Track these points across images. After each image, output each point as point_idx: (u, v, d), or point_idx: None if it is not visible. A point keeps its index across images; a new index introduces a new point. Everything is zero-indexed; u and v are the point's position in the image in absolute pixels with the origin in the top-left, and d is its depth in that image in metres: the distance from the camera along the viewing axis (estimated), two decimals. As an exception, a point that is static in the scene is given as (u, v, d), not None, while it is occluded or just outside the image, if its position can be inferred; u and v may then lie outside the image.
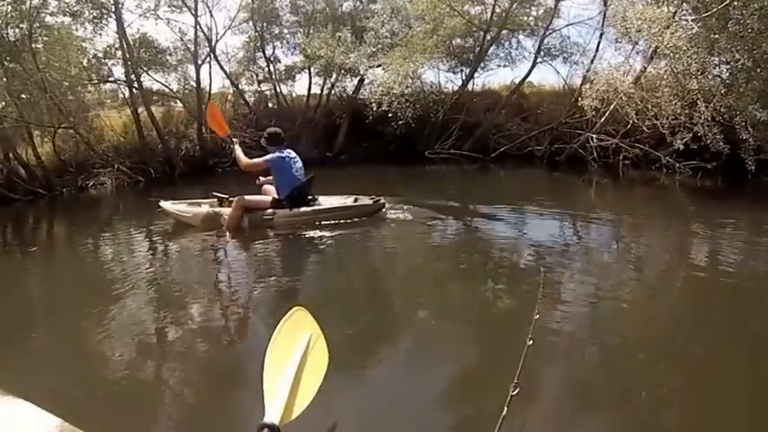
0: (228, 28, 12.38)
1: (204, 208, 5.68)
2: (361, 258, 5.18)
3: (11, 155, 10.13)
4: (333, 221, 5.63)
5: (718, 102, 8.39)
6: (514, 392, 1.67)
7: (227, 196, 5.79)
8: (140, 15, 11.34)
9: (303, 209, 5.50)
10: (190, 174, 11.28)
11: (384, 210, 5.84)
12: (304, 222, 5.46)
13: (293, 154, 5.68)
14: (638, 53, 10.35)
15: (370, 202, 5.79)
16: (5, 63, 9.60)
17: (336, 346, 2.35)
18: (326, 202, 5.77)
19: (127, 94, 11.49)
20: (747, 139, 8.22)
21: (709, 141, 8.53)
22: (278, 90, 13.43)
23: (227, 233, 5.43)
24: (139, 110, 11.34)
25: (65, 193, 10.18)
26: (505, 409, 1.60)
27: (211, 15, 12.03)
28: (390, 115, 11.27)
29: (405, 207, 6.40)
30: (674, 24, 8.19)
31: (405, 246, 5.52)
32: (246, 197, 5.55)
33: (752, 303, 3.74)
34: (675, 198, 8.70)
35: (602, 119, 10.64)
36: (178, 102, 12.36)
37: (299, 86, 13.76)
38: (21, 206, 9.30)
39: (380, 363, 2.98)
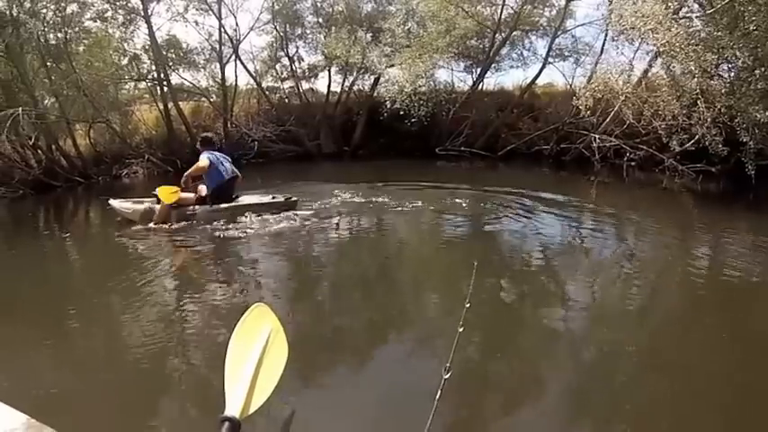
0: (251, 29, 12.58)
1: (144, 205, 5.94)
2: (317, 250, 5.23)
3: (53, 147, 10.62)
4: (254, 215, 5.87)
5: (718, 102, 7.95)
6: (447, 376, 1.70)
7: None
8: (169, 19, 11.74)
9: (223, 205, 5.80)
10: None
11: (296, 207, 6.13)
12: (222, 216, 5.70)
13: (222, 156, 6.00)
14: (647, 53, 9.95)
15: (283, 199, 6.06)
16: (48, 64, 10.08)
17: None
18: (247, 199, 6.02)
19: (158, 91, 11.81)
20: (748, 142, 7.77)
21: (708, 143, 8.11)
22: (300, 88, 13.50)
23: (154, 226, 5.66)
24: (169, 105, 11.69)
25: (100, 181, 10.60)
26: (439, 392, 1.62)
27: (235, 18, 12.23)
28: (402, 113, 11.22)
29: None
30: (672, 21, 7.72)
31: (357, 236, 5.72)
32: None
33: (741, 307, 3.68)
34: (671, 201, 8.29)
35: (607, 119, 10.46)
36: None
37: (321, 84, 13.86)
38: (61, 193, 9.75)
39: (327, 355, 3.00)
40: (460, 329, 2.05)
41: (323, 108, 13.16)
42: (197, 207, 5.79)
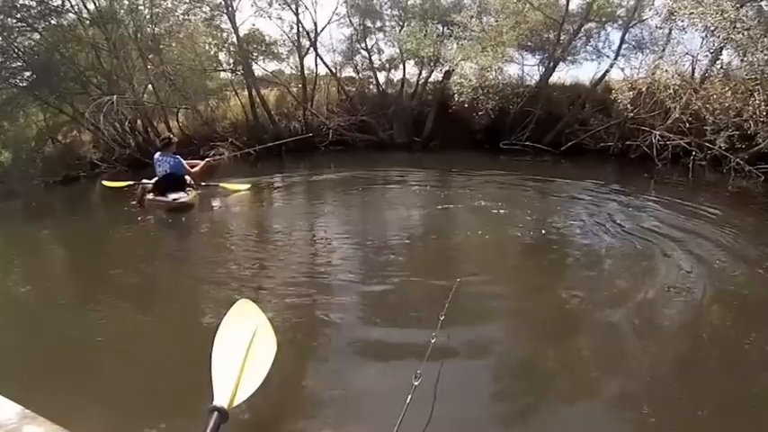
0: (328, 23, 12.08)
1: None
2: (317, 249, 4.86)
3: (148, 129, 10.83)
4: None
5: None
6: (416, 383, 1.72)
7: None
8: (252, 14, 11.46)
9: (151, 196, 6.32)
10: (296, 150, 11.05)
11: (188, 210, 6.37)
12: (154, 207, 6.23)
13: (165, 157, 6.48)
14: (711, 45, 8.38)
15: (172, 200, 6.20)
16: (143, 56, 10.21)
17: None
18: (172, 196, 6.24)
19: (241, 80, 11.69)
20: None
21: (761, 141, 6.90)
22: (377, 79, 12.78)
23: (136, 202, 6.41)
24: (253, 93, 11.52)
25: (189, 160, 10.45)
26: (409, 397, 1.63)
27: (311, 14, 11.75)
28: (466, 106, 10.33)
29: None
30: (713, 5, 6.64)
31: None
32: (144, 181, 6.58)
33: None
34: (735, 202, 6.57)
35: (674, 115, 8.91)
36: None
37: (398, 75, 13.01)
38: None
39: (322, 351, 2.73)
40: (433, 340, 2.04)
41: (397, 99, 12.46)
42: (148, 196, 6.40)
